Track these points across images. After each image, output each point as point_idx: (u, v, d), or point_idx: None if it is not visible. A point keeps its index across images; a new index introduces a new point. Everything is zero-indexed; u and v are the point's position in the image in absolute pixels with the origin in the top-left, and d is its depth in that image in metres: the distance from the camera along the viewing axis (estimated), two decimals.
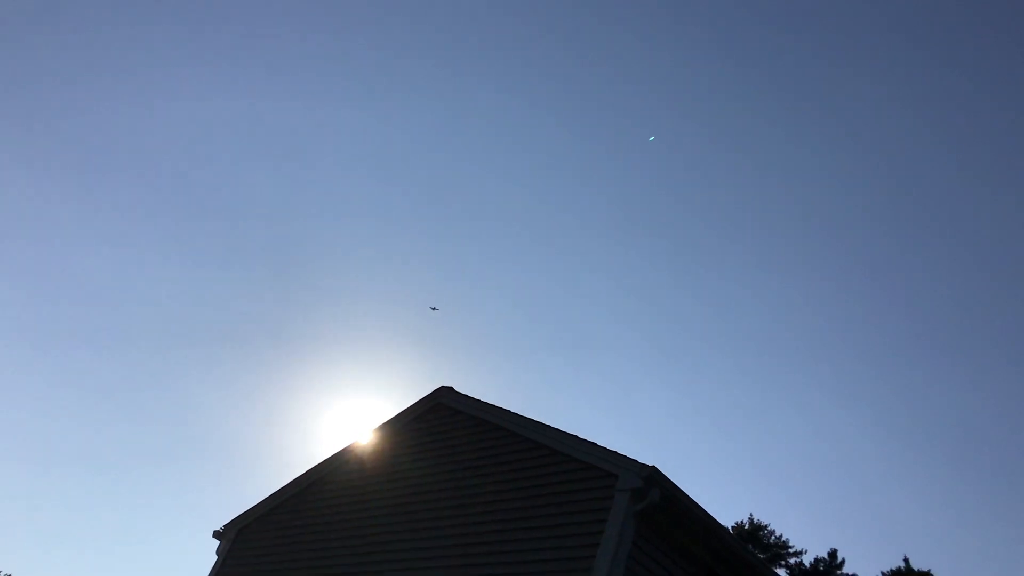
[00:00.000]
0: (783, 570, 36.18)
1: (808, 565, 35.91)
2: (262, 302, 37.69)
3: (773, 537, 36.58)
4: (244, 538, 12.52)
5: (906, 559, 33.80)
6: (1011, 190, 37.77)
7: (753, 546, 35.53)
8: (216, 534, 12.84)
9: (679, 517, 8.23)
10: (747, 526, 36.72)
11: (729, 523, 36.62)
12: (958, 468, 46.80)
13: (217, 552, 12.67)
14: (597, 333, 43.10)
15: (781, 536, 36.66)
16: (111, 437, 33.24)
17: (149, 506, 31.81)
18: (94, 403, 32.69)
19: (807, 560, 36.08)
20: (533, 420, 9.52)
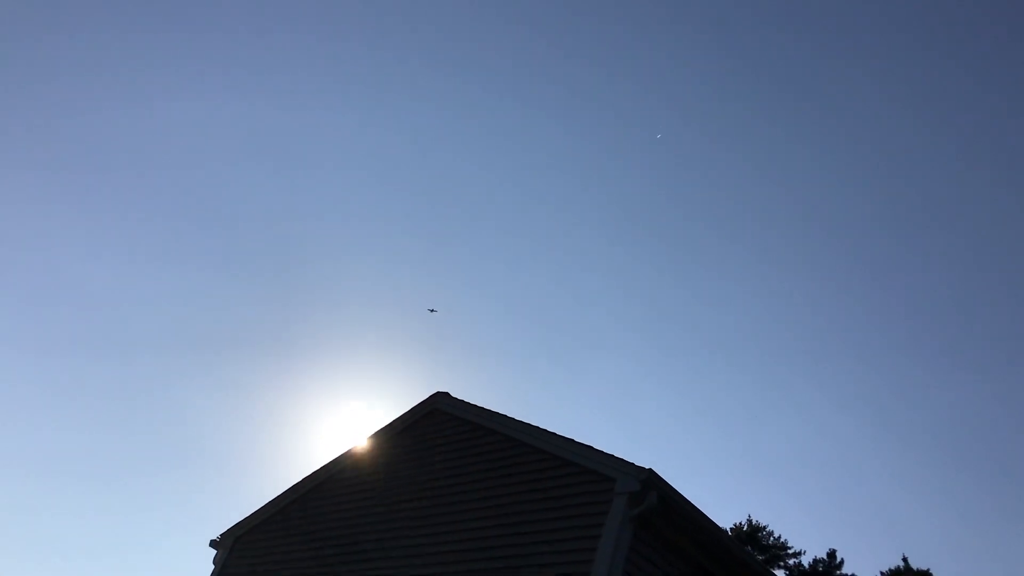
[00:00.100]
0: (782, 571, 36.20)
1: (807, 566, 35.94)
2: (260, 307, 37.61)
3: (772, 538, 36.61)
4: (241, 547, 12.47)
5: (905, 558, 33.89)
6: (1012, 190, 37.91)
7: (752, 547, 35.53)
8: (213, 543, 12.79)
9: (677, 520, 8.22)
10: (746, 528, 36.74)
11: (728, 525, 36.66)
12: (957, 467, 46.93)
13: (214, 562, 12.62)
14: (595, 334, 43.12)
15: (780, 537, 36.70)
16: (106, 444, 33.09)
17: (145, 514, 31.65)
18: (89, 410, 32.56)
19: (806, 561, 36.14)
20: (529, 424, 9.50)
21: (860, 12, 34.31)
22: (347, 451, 11.97)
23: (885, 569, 34.31)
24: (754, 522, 36.93)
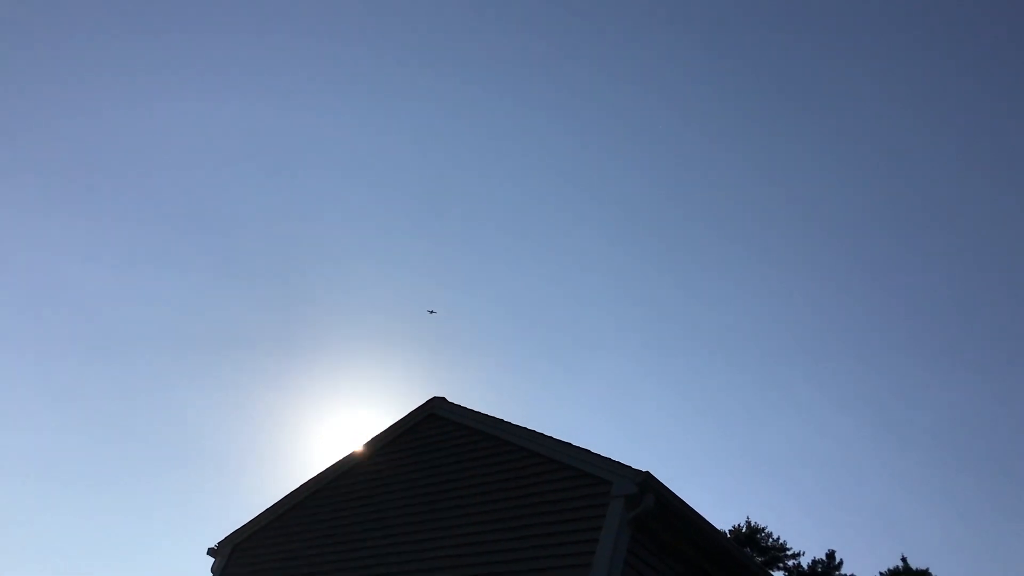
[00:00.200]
0: (781, 572, 36.17)
1: (806, 567, 35.92)
2: (259, 308, 37.55)
3: (771, 539, 36.58)
4: (239, 555, 12.44)
5: (904, 558, 33.86)
6: (1012, 190, 38.02)
7: (751, 549, 35.52)
8: (211, 551, 12.75)
9: (674, 522, 8.22)
10: (744, 529, 36.71)
11: (726, 526, 36.63)
12: (957, 467, 46.96)
13: (212, 570, 12.58)
14: (595, 334, 43.13)
15: (779, 538, 36.67)
16: (106, 446, 32.94)
17: (144, 515, 31.50)
18: (88, 411, 32.42)
19: (805, 561, 36.11)
20: (526, 428, 9.51)
21: (860, 12, 34.43)
22: (344, 458, 11.96)
23: (884, 569, 34.31)
24: (753, 524, 36.91)
